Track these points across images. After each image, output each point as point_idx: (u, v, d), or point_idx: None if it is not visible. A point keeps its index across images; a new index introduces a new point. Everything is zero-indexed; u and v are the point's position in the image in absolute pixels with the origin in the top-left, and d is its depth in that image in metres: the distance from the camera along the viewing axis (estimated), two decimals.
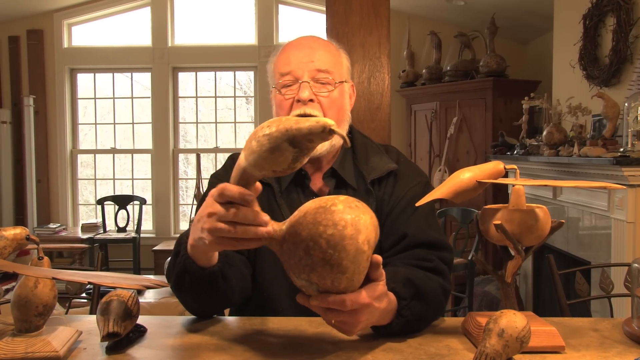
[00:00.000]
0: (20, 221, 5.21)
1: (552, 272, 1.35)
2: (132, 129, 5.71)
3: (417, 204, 0.96)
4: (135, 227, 5.29)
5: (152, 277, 1.86)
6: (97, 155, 5.74)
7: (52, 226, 5.11)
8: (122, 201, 5.33)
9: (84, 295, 1.43)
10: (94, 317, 0.96)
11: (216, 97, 5.70)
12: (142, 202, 5.32)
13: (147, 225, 5.62)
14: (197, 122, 5.72)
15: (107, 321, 0.88)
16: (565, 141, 3.15)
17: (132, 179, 5.76)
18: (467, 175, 0.93)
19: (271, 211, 1.13)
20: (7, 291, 1.61)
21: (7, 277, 3.00)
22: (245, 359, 0.88)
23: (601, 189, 2.66)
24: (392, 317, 0.94)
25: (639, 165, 2.44)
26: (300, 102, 1.14)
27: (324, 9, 2.60)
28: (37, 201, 5.37)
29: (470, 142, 4.64)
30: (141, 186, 5.76)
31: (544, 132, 3.28)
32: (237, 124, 5.73)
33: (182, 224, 5.68)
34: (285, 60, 1.18)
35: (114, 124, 5.71)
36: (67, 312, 1.40)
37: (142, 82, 5.69)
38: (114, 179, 5.75)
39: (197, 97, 5.70)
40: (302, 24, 5.56)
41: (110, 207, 5.47)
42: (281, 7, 5.57)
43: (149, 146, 5.64)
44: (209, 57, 5.53)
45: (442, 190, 0.93)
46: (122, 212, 5.31)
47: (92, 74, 5.68)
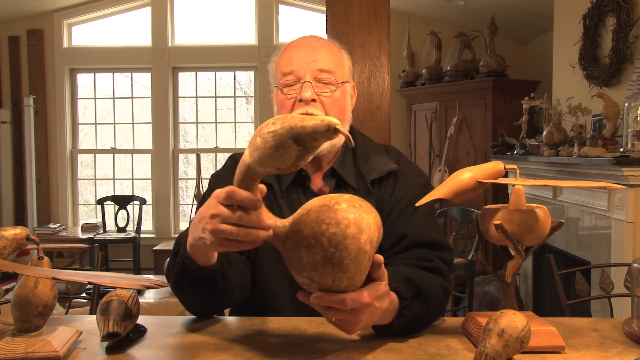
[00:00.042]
0: (20, 221, 5.21)
1: (552, 272, 1.35)
2: (132, 129, 5.71)
3: (417, 204, 0.96)
4: (135, 227, 5.29)
5: (152, 277, 1.86)
6: (97, 155, 5.74)
7: (52, 226, 5.11)
8: (122, 201, 5.33)
9: (84, 295, 1.43)
10: (94, 317, 0.96)
11: (216, 97, 5.70)
12: (142, 202, 5.31)
13: (147, 225, 5.62)
14: (197, 122, 5.72)
15: (107, 321, 0.88)
16: (565, 141, 3.15)
17: (132, 179, 5.76)
18: (467, 175, 0.93)
19: (271, 211, 1.12)
20: (7, 291, 1.61)
21: (7, 277, 2.99)
22: (245, 359, 0.88)
23: (601, 189, 2.66)
24: (393, 316, 0.94)
25: (639, 165, 2.44)
26: (302, 101, 1.14)
27: (324, 9, 2.60)
28: (37, 201, 5.37)
29: (470, 142, 4.63)
30: (141, 186, 5.76)
31: (544, 132, 3.28)
32: (237, 124, 5.72)
33: (182, 224, 5.68)
34: (287, 59, 1.18)
35: (114, 124, 5.70)
36: (67, 312, 1.40)
37: (142, 82, 5.69)
38: (114, 179, 5.75)
39: (197, 97, 5.70)
40: (302, 24, 5.56)
41: (110, 207, 5.47)
42: (281, 7, 5.57)
43: (149, 146, 5.64)
44: (209, 57, 5.53)
45: (442, 190, 0.93)
46: (122, 212, 5.31)
47: (92, 74, 5.68)
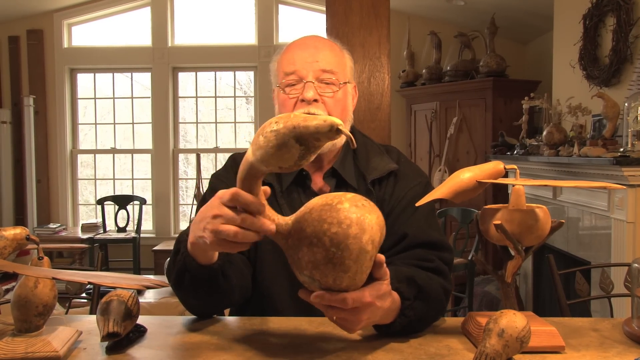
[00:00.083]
0: (20, 221, 5.21)
1: (552, 272, 1.35)
2: (132, 129, 5.71)
3: (417, 203, 0.96)
4: (135, 227, 5.29)
5: (152, 277, 1.86)
6: (97, 155, 5.74)
7: (52, 226, 5.11)
8: (122, 201, 5.33)
9: (84, 295, 1.43)
10: (94, 317, 0.96)
11: (216, 97, 5.70)
12: (142, 202, 5.31)
13: (147, 225, 5.62)
14: (197, 122, 5.72)
15: (107, 321, 0.88)
16: (565, 141, 3.15)
17: (132, 179, 5.76)
18: (467, 175, 0.92)
19: None
20: (7, 291, 1.61)
21: (7, 277, 2.99)
22: (245, 358, 0.88)
23: (601, 189, 2.66)
24: (395, 316, 0.94)
25: (639, 165, 2.44)
26: (304, 101, 1.14)
27: (324, 9, 2.61)
28: (37, 201, 5.37)
29: (470, 142, 4.63)
30: (141, 186, 5.76)
31: (544, 132, 3.28)
32: (237, 124, 5.72)
33: (182, 224, 5.68)
34: (289, 59, 1.18)
35: (114, 124, 5.70)
36: (67, 312, 1.39)
37: (142, 82, 5.69)
38: (114, 179, 5.75)
39: (197, 97, 5.70)
40: (302, 24, 5.56)
41: (110, 207, 5.47)
42: (281, 7, 5.57)
43: (149, 146, 5.64)
44: (209, 57, 5.53)
45: (442, 190, 0.93)
46: (122, 212, 5.31)
47: (92, 74, 5.68)
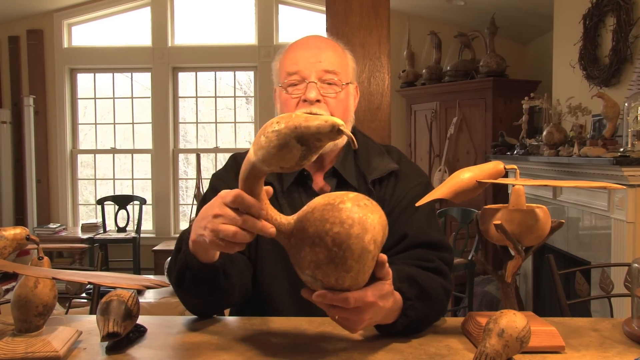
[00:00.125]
0: (20, 221, 5.21)
1: (552, 272, 1.35)
2: (132, 129, 5.71)
3: (417, 203, 0.96)
4: (135, 227, 5.29)
5: (152, 277, 1.86)
6: (97, 155, 5.74)
7: (52, 226, 5.11)
8: (122, 201, 5.33)
9: (84, 295, 1.43)
10: (94, 317, 0.96)
11: (216, 97, 5.70)
12: (142, 202, 5.31)
13: (147, 225, 5.62)
14: (197, 122, 5.72)
15: (107, 321, 0.88)
16: (565, 141, 3.15)
17: (132, 179, 5.76)
18: (467, 175, 0.92)
19: None
20: (7, 291, 1.61)
21: (7, 277, 2.99)
22: (245, 358, 0.88)
23: (601, 189, 2.66)
24: (396, 316, 0.94)
25: (639, 165, 2.43)
26: (307, 102, 1.14)
27: (324, 9, 2.61)
28: (37, 201, 5.37)
29: (470, 142, 4.63)
30: (141, 186, 5.76)
31: (544, 132, 3.28)
32: (237, 124, 5.72)
33: (182, 224, 5.68)
34: (292, 59, 1.18)
35: (114, 124, 5.70)
36: (67, 312, 1.39)
37: (142, 82, 5.69)
38: (114, 179, 5.75)
39: (197, 97, 5.70)
40: (302, 24, 5.56)
41: (110, 207, 5.47)
42: (281, 7, 5.57)
43: (149, 146, 5.64)
44: (209, 57, 5.53)
45: (442, 190, 0.93)
46: (122, 212, 5.31)
47: (92, 74, 5.68)
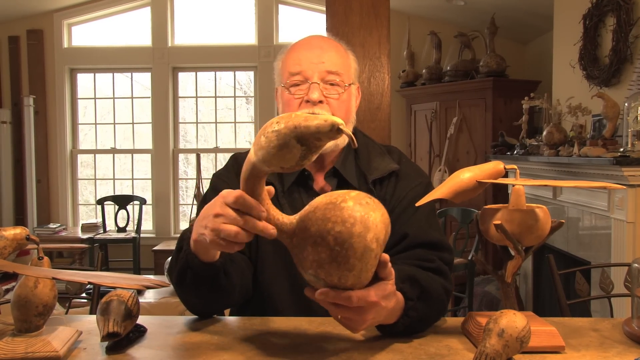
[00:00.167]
0: (20, 221, 5.21)
1: (552, 272, 1.35)
2: (132, 129, 5.71)
3: (417, 203, 0.96)
4: (135, 227, 5.29)
5: (152, 277, 1.86)
6: (97, 155, 5.74)
7: (52, 226, 5.11)
8: (122, 201, 5.33)
9: (84, 295, 1.43)
10: (94, 317, 0.96)
11: (216, 97, 5.70)
12: (142, 202, 5.31)
13: (147, 225, 5.62)
14: (197, 122, 5.72)
15: (107, 321, 0.88)
16: (565, 141, 3.15)
17: (132, 179, 5.75)
18: (467, 175, 0.92)
19: None
20: (7, 291, 1.61)
21: (7, 277, 2.99)
22: (245, 358, 0.88)
23: (601, 189, 2.66)
24: (398, 316, 0.94)
25: (639, 165, 2.43)
26: (309, 102, 1.14)
27: (324, 9, 2.60)
28: (37, 201, 5.37)
29: (470, 142, 4.63)
30: (141, 186, 5.76)
31: (544, 132, 3.28)
32: (237, 124, 5.72)
33: (182, 224, 5.68)
34: (295, 59, 1.18)
35: (114, 124, 5.70)
36: (67, 312, 1.39)
37: (142, 82, 5.69)
38: (114, 179, 5.75)
39: (197, 97, 5.70)
40: (302, 24, 5.56)
41: (110, 207, 5.47)
42: (281, 7, 5.57)
43: (149, 146, 5.64)
44: (209, 57, 5.53)
45: (442, 190, 0.93)
46: (122, 212, 5.31)
47: (92, 74, 5.68)
